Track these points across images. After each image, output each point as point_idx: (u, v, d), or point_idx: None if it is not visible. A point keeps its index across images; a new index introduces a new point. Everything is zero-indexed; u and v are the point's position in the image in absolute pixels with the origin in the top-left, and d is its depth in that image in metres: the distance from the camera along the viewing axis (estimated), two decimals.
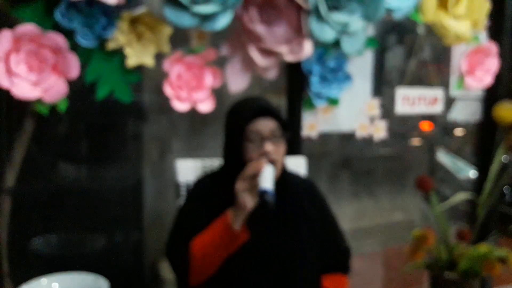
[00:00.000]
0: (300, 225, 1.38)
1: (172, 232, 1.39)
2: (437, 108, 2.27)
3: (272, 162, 1.27)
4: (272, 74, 1.74)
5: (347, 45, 1.73)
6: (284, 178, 1.38)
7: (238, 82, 1.71)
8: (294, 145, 1.90)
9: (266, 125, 1.28)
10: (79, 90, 1.48)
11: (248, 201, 1.22)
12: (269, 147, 1.26)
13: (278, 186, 1.33)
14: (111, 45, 1.46)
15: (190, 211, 1.38)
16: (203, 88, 1.65)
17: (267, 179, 1.21)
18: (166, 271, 1.96)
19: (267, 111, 1.29)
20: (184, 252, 1.29)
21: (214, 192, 1.34)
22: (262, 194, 1.20)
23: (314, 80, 1.84)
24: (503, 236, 1.91)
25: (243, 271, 1.30)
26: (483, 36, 2.21)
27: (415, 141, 2.70)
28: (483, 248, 1.58)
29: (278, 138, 1.29)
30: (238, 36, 1.67)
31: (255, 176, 1.23)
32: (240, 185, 1.24)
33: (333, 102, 1.92)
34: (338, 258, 1.48)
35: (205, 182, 1.41)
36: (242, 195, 1.23)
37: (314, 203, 1.45)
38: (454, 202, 1.78)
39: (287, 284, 1.33)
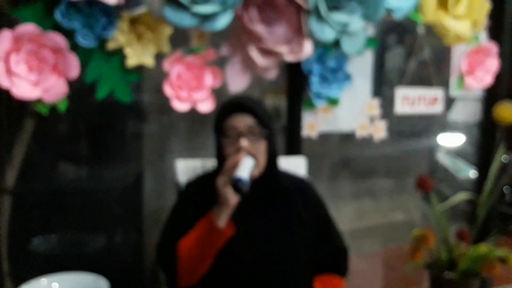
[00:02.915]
0: (291, 225, 1.36)
1: (163, 233, 1.38)
2: (437, 108, 2.27)
3: None
4: (272, 74, 1.74)
5: (347, 45, 1.73)
6: (275, 177, 1.37)
7: (238, 82, 1.71)
8: (294, 145, 1.90)
9: (242, 121, 1.27)
10: (79, 90, 1.48)
11: (230, 196, 1.21)
12: (244, 142, 1.25)
13: (268, 185, 1.32)
14: (111, 45, 1.46)
15: (180, 212, 1.38)
16: (203, 88, 1.65)
17: (243, 169, 1.21)
18: None
19: (245, 108, 1.28)
20: (172, 252, 1.28)
21: (205, 193, 1.32)
22: (235, 182, 1.19)
23: (314, 80, 1.84)
24: (503, 236, 1.91)
25: (234, 272, 1.29)
26: (483, 36, 2.21)
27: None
28: (483, 248, 1.57)
29: (257, 135, 1.28)
30: (238, 36, 1.67)
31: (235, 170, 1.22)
32: (221, 180, 1.23)
33: (333, 102, 1.92)
34: (334, 258, 1.46)
35: (197, 183, 1.41)
36: (223, 191, 1.22)
37: (307, 202, 1.42)
38: (454, 202, 1.77)
39: (278, 284, 1.31)
